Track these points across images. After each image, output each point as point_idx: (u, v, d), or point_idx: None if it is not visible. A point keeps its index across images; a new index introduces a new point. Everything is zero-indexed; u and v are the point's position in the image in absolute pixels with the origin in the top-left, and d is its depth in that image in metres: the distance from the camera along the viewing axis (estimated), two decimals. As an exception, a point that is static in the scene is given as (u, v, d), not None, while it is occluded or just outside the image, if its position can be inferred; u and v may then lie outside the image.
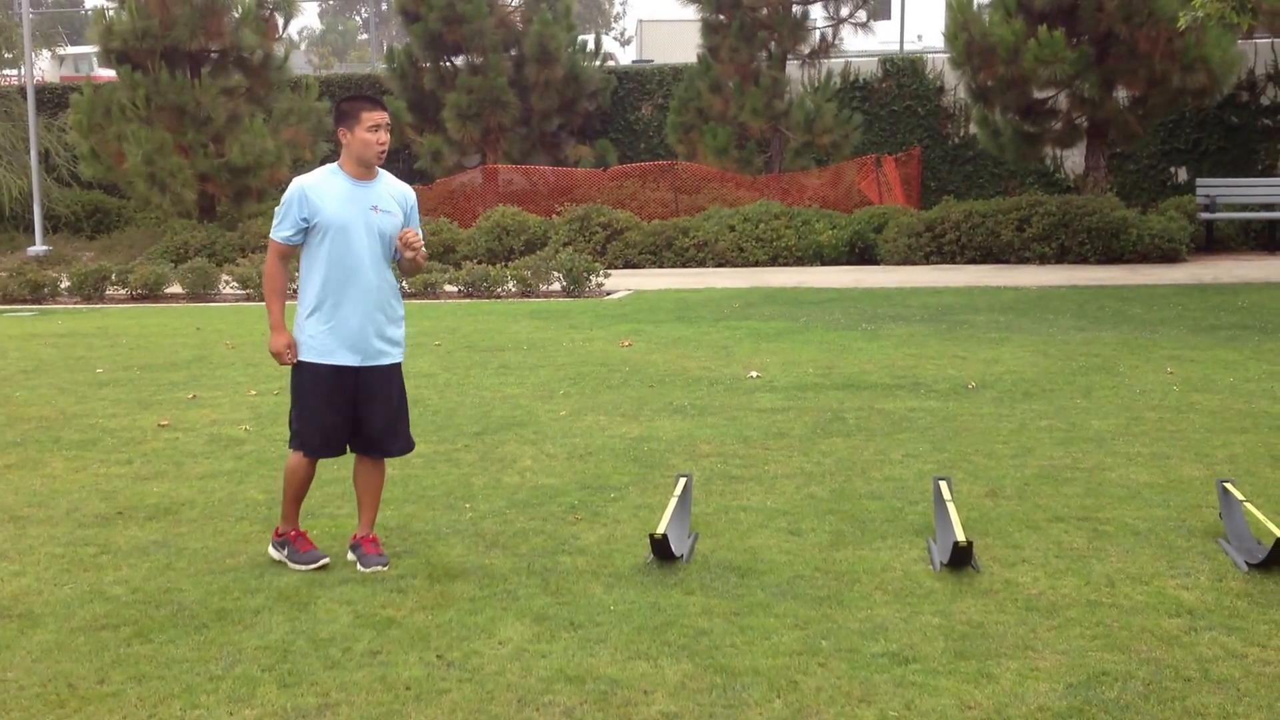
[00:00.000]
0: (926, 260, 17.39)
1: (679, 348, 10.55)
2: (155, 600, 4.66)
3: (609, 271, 16.24)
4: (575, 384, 8.99)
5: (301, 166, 21.18)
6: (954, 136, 22.28)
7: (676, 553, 4.97)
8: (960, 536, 4.73)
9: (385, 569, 4.97)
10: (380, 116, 4.94)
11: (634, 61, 25.27)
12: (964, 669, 3.87)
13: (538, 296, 15.29)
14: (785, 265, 17.78)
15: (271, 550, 5.19)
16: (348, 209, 4.93)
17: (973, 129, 20.63)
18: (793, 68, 21.13)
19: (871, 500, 5.84)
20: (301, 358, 4.98)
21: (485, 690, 3.81)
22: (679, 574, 4.84)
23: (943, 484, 5.36)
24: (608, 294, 15.18)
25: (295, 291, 5.13)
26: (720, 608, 4.46)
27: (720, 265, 18.04)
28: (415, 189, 21.02)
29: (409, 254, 5.08)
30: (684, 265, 18.16)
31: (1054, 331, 10.86)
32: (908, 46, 23.96)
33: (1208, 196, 18.40)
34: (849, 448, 6.88)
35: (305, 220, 4.92)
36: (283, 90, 21.00)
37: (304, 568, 5.02)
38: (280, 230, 4.96)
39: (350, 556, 5.12)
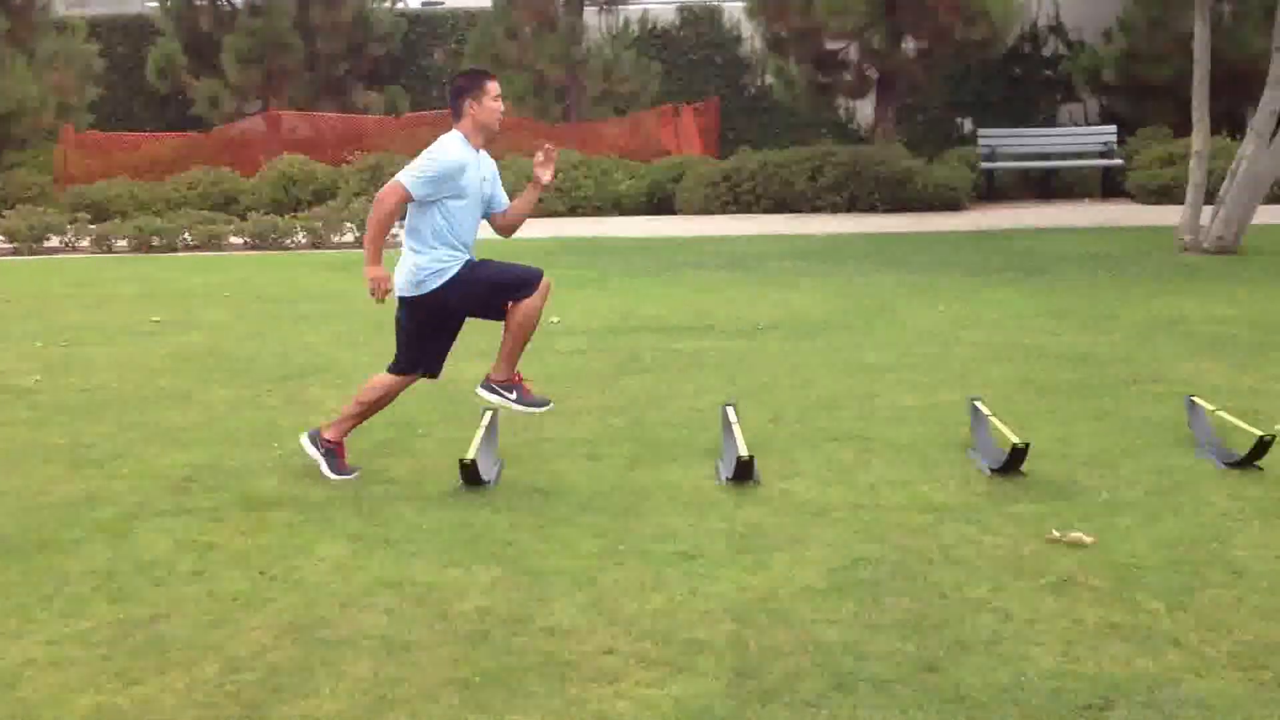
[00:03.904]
0: (724, 210, 17.92)
1: (485, 294, 10.78)
2: (-27, 536, 4.76)
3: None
4: (376, 332, 9.11)
5: (69, 113, 20.31)
6: (751, 86, 22.83)
7: (485, 478, 5.33)
8: (744, 452, 5.22)
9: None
10: (498, 86, 5.43)
11: (424, 4, 24.77)
12: (743, 561, 4.37)
13: (329, 248, 15.13)
14: (584, 215, 18.04)
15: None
16: (476, 183, 5.40)
17: (769, 79, 21.23)
18: (590, 14, 21.25)
19: (666, 428, 6.29)
20: (420, 293, 5.38)
21: (309, 598, 4.11)
22: (487, 496, 5.19)
23: (729, 409, 5.85)
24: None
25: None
26: (526, 522, 4.84)
27: (520, 215, 18.20)
28: (191, 137, 20.16)
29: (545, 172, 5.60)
30: (483, 215, 18.26)
31: (841, 276, 11.53)
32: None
33: (989, 147, 19.39)
34: (646, 384, 7.32)
35: (448, 191, 5.31)
36: (47, 32, 20.09)
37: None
38: (420, 186, 5.28)
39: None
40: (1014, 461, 5.24)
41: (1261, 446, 5.27)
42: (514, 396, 5.55)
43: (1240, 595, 3.99)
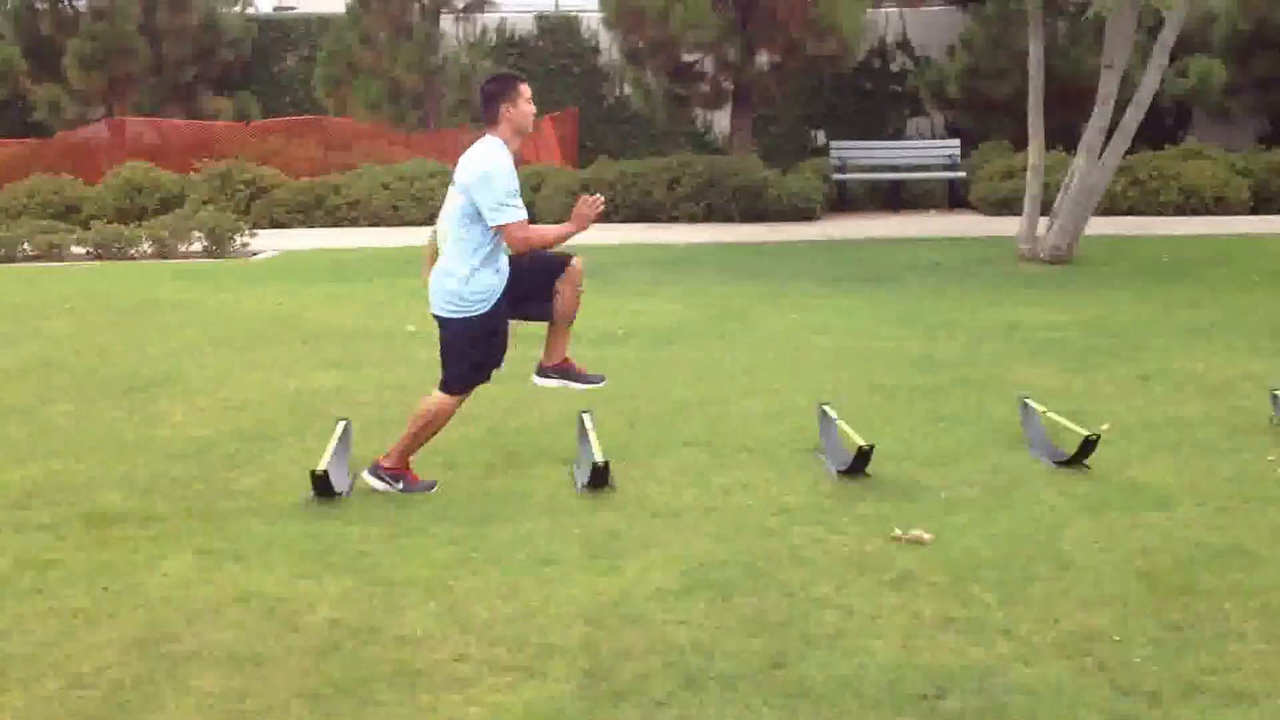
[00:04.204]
0: (582, 219, 17.98)
1: (333, 305, 10.67)
2: None
3: (255, 231, 15.93)
4: (225, 343, 8.98)
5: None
6: (609, 97, 22.96)
7: (337, 489, 5.29)
8: (599, 459, 5.28)
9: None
10: (529, 88, 5.46)
11: (276, 9, 24.29)
12: (597, 566, 4.43)
13: (177, 258, 14.77)
14: (444, 224, 17.92)
15: (371, 479, 5.40)
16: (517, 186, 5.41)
17: (627, 90, 21.39)
18: (447, 22, 21.12)
19: (521, 436, 6.32)
20: (477, 312, 5.36)
21: (154, 613, 4.03)
22: (339, 507, 5.16)
23: (585, 416, 5.92)
24: (254, 254, 14.88)
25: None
26: (379, 533, 4.82)
27: (374, 225, 17.98)
28: (30, 144, 19.49)
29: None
30: (336, 225, 17.95)
31: (697, 285, 11.70)
32: (565, 3, 24.39)
33: (840, 159, 19.85)
34: (502, 392, 7.28)
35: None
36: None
37: (424, 492, 5.35)
38: (518, 208, 5.36)
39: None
40: (860, 463, 5.41)
41: (1088, 445, 5.54)
42: (400, 486, 5.43)
43: (1067, 587, 4.20)
